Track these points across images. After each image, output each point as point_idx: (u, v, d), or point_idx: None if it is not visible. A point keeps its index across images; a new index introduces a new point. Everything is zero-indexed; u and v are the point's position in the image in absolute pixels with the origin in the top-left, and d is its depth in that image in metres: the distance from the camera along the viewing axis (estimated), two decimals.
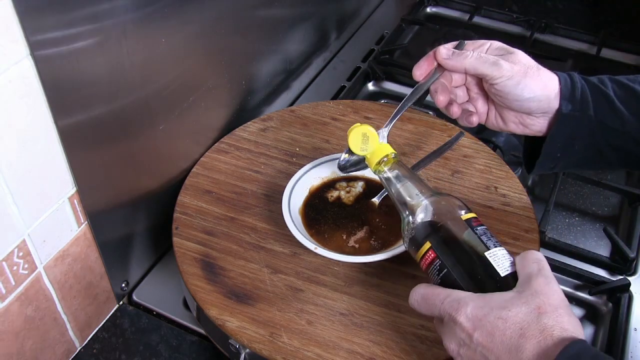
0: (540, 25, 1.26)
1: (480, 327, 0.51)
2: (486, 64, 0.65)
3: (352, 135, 0.67)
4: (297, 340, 0.65)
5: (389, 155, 0.66)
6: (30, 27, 0.53)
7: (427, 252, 0.59)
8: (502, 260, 0.57)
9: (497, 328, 0.50)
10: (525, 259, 0.56)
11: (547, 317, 0.50)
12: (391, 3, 1.38)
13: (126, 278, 0.79)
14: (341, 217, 0.77)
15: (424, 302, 0.57)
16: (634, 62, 1.20)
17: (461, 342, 0.53)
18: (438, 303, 0.55)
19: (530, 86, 0.65)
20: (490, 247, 0.57)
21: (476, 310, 0.52)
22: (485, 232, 0.59)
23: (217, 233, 0.76)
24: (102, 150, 0.68)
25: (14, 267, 0.61)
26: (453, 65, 0.67)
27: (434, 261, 0.59)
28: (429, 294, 0.56)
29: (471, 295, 0.54)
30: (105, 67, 0.64)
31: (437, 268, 0.59)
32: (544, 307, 0.51)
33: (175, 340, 0.76)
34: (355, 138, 0.67)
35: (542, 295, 0.52)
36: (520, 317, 0.50)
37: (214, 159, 0.85)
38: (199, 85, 0.81)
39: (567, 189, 0.96)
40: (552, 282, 0.53)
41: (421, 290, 0.58)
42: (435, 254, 0.59)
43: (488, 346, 0.51)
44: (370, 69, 1.14)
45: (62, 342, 0.72)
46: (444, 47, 0.68)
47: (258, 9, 0.90)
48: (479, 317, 0.51)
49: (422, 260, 0.60)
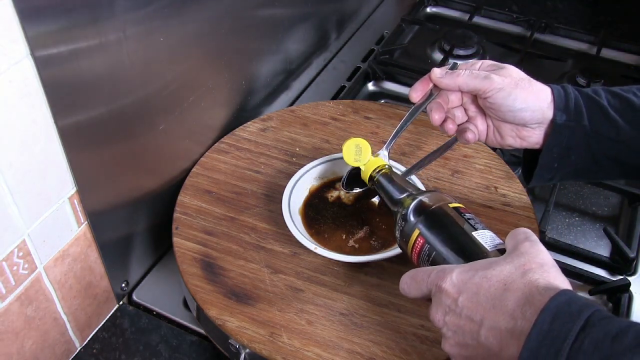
0: (540, 25, 1.26)
1: (465, 290, 0.51)
2: (477, 78, 0.67)
3: (346, 147, 0.71)
4: (297, 340, 0.65)
5: (381, 167, 0.70)
6: (30, 27, 0.53)
7: (417, 239, 0.60)
8: (490, 239, 0.58)
9: (481, 287, 0.50)
10: (514, 233, 0.56)
11: (533, 272, 0.50)
12: (391, 3, 1.38)
13: (126, 278, 0.79)
14: (341, 217, 0.77)
15: (413, 281, 0.56)
16: (634, 62, 1.19)
17: (447, 309, 0.52)
18: (425, 277, 0.55)
19: (521, 96, 0.66)
20: (477, 228, 0.59)
21: (461, 274, 0.52)
22: (472, 217, 0.60)
23: (217, 233, 0.76)
24: (102, 150, 0.68)
25: (14, 267, 0.61)
26: (447, 83, 0.69)
27: (424, 247, 0.60)
28: (417, 273, 0.56)
29: (457, 265, 0.54)
30: (105, 67, 0.64)
31: (427, 253, 0.59)
32: (529, 265, 0.50)
33: (175, 340, 0.76)
34: (349, 149, 0.71)
35: (527, 255, 0.51)
36: (505, 274, 0.50)
37: (214, 159, 0.85)
38: (199, 85, 0.81)
39: (567, 189, 0.96)
40: (537, 245, 0.53)
41: (410, 272, 0.57)
42: (423, 240, 0.60)
43: (473, 307, 0.50)
44: (370, 69, 1.14)
45: (62, 342, 0.72)
46: (438, 68, 0.70)
47: (258, 9, 0.90)
48: (464, 280, 0.51)
49: (413, 250, 0.61)
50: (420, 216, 0.61)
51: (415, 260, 0.62)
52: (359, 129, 0.90)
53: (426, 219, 0.61)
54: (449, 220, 0.60)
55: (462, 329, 0.51)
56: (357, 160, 0.71)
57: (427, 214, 0.61)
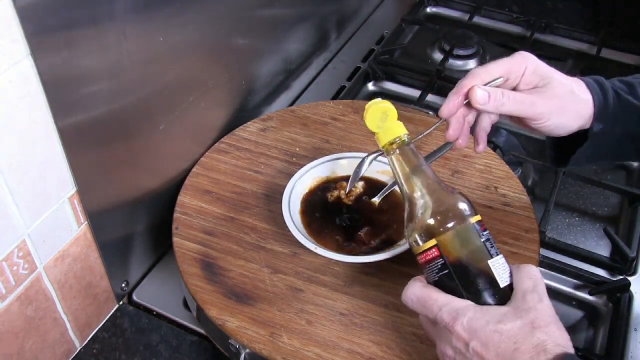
0: (540, 25, 1.26)
1: (476, 338, 0.53)
2: (523, 105, 0.64)
3: (371, 112, 0.62)
4: (297, 340, 0.65)
5: (402, 137, 0.63)
6: (30, 27, 0.53)
7: (431, 249, 0.58)
8: (502, 270, 0.57)
9: (492, 340, 0.52)
10: (522, 273, 0.57)
11: (540, 331, 0.52)
12: (391, 3, 1.38)
13: (126, 278, 0.79)
14: (341, 217, 0.77)
15: (420, 304, 0.57)
16: (634, 62, 1.20)
17: (457, 350, 0.54)
18: (435, 309, 0.55)
19: (565, 119, 0.65)
20: (492, 255, 0.58)
21: (473, 321, 0.53)
22: (489, 238, 0.59)
23: (217, 233, 0.76)
24: (102, 150, 0.68)
25: (14, 267, 0.61)
26: (491, 110, 0.64)
27: (436, 259, 0.58)
28: (426, 299, 0.57)
29: (469, 306, 0.55)
30: (105, 67, 0.64)
31: (438, 267, 0.58)
32: (538, 322, 0.52)
33: (175, 340, 0.76)
34: (374, 115, 0.62)
35: (535, 311, 0.53)
36: (515, 331, 0.52)
37: (214, 159, 0.85)
38: (199, 85, 0.81)
39: (567, 189, 0.96)
40: (544, 299, 0.55)
41: (417, 291, 0.58)
42: (438, 253, 0.58)
43: (484, 355, 0.52)
44: (370, 69, 1.14)
45: (62, 342, 0.72)
46: (480, 90, 0.63)
47: (258, 9, 0.90)
48: (474, 328, 0.53)
49: (423, 255, 0.59)
50: (441, 228, 0.58)
51: (422, 264, 0.60)
52: (359, 129, 0.90)
53: (446, 235, 0.58)
54: (470, 244, 0.58)
55: None
56: (380, 127, 0.63)
57: (448, 230, 0.58)
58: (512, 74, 0.65)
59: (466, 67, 1.17)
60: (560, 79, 0.66)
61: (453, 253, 0.57)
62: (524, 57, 0.65)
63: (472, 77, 0.64)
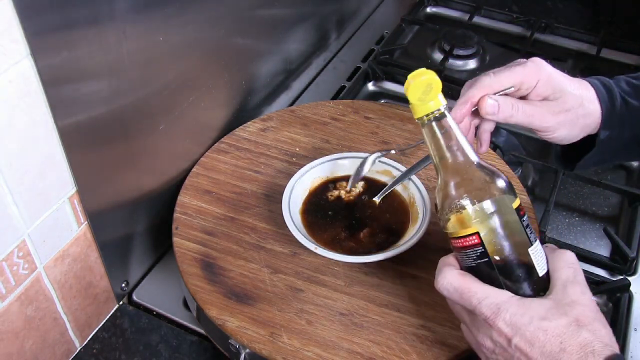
0: (540, 25, 1.26)
1: (519, 334, 0.52)
2: (533, 117, 0.63)
3: (416, 84, 0.57)
4: (297, 340, 0.65)
5: (441, 110, 0.58)
6: (30, 27, 0.53)
7: (471, 235, 0.55)
8: (540, 258, 0.56)
9: (537, 339, 0.51)
10: (559, 260, 0.56)
11: (586, 330, 0.51)
12: (391, 3, 1.38)
13: (126, 278, 0.79)
14: (341, 217, 0.77)
15: (458, 295, 0.55)
16: (634, 62, 1.20)
17: (497, 343, 0.53)
18: (475, 302, 0.54)
19: (573, 134, 0.66)
20: (532, 242, 0.56)
21: (516, 317, 0.52)
22: (528, 224, 0.56)
23: (217, 233, 0.76)
24: (102, 150, 0.68)
25: (14, 267, 0.61)
26: (500, 121, 0.64)
27: (475, 247, 0.55)
28: (464, 290, 0.55)
29: (510, 300, 0.53)
30: (105, 67, 0.64)
31: (477, 255, 0.55)
32: (583, 319, 0.51)
33: (175, 340, 0.76)
34: (417, 86, 0.57)
35: (579, 305, 0.52)
36: (560, 330, 0.51)
37: (214, 159, 0.85)
38: (199, 85, 0.81)
39: (567, 189, 0.96)
40: (587, 291, 0.54)
41: (454, 281, 0.56)
42: (479, 241, 0.55)
43: (528, 353, 0.51)
44: (370, 69, 1.14)
45: (62, 342, 0.72)
46: (491, 100, 0.62)
47: (258, 9, 0.90)
48: (518, 324, 0.52)
49: (460, 240, 0.56)
50: (484, 215, 0.55)
51: (456, 249, 0.57)
52: (359, 129, 0.90)
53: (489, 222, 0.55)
54: (512, 231, 0.55)
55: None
56: (422, 100, 0.57)
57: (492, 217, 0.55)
58: (524, 84, 0.64)
59: (466, 67, 1.17)
60: (572, 91, 0.65)
61: (494, 241, 0.55)
62: (537, 66, 0.64)
63: (481, 87, 0.63)
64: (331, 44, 1.20)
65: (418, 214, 0.75)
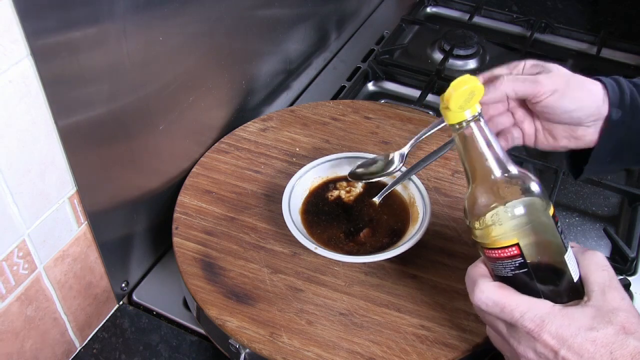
0: (540, 25, 1.26)
1: (566, 346, 0.51)
2: (526, 82, 0.62)
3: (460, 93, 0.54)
4: (297, 340, 0.65)
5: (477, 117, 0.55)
6: (30, 27, 0.53)
7: (511, 247, 0.53)
8: (573, 263, 0.54)
9: (586, 350, 0.50)
10: (591, 263, 0.55)
11: (633, 337, 0.50)
12: (391, 3, 1.38)
13: (126, 278, 0.79)
14: (341, 217, 0.77)
15: (498, 309, 0.54)
16: (634, 62, 1.20)
17: (542, 355, 0.52)
18: (517, 316, 0.52)
19: (574, 95, 0.63)
20: (567, 247, 0.54)
21: (562, 329, 0.51)
22: (562, 230, 0.55)
23: (217, 233, 0.76)
24: (102, 150, 0.68)
25: (14, 267, 0.61)
26: (492, 97, 0.63)
27: (515, 258, 0.53)
28: (506, 304, 0.53)
29: (553, 311, 0.52)
30: (105, 67, 0.64)
31: (515, 265, 0.54)
32: (629, 327, 0.51)
33: (175, 340, 0.76)
34: (461, 95, 0.54)
35: (622, 312, 0.51)
36: (608, 339, 0.50)
37: (214, 159, 0.85)
38: (199, 85, 0.81)
39: (567, 189, 0.96)
40: (625, 296, 0.53)
41: (493, 295, 0.54)
42: (519, 252, 0.53)
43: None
44: (370, 69, 1.14)
45: (62, 342, 0.72)
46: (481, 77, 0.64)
47: (258, 9, 0.90)
48: (564, 336, 0.51)
49: (497, 251, 0.54)
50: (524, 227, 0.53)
51: (491, 259, 0.55)
52: (359, 129, 0.90)
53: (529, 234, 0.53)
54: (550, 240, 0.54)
55: None
56: (462, 108, 0.54)
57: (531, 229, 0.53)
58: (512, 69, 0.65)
59: (466, 67, 1.17)
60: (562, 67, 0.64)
61: (534, 251, 0.53)
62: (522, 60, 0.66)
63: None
64: (331, 44, 1.20)
65: (418, 214, 0.75)
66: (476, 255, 0.74)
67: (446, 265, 0.72)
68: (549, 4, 1.37)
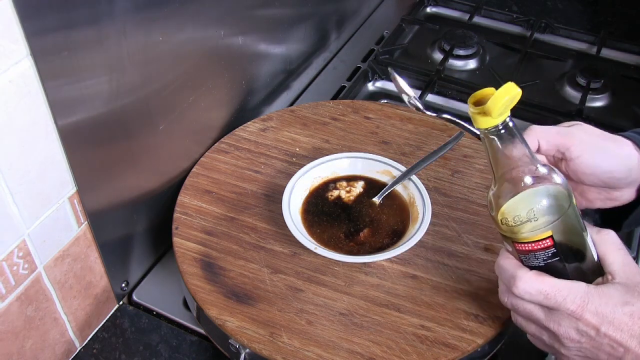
0: (540, 25, 1.26)
1: (606, 322, 0.54)
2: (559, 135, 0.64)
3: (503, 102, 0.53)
4: (297, 340, 0.65)
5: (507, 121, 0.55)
6: (30, 27, 0.53)
7: (545, 239, 0.56)
8: (591, 243, 0.58)
9: (624, 324, 0.54)
10: (608, 243, 0.58)
11: None
12: (391, 3, 1.38)
13: (126, 278, 0.79)
14: (341, 217, 0.77)
15: (542, 296, 0.56)
16: (634, 62, 1.19)
17: (584, 333, 0.55)
18: (560, 300, 0.55)
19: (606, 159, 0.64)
20: (586, 229, 0.58)
21: (601, 307, 0.55)
22: (580, 212, 0.58)
23: (217, 233, 0.76)
24: (102, 150, 0.68)
25: (14, 267, 0.61)
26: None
27: (548, 249, 0.56)
28: (549, 291, 0.56)
29: (590, 291, 0.55)
30: (105, 68, 0.64)
31: (549, 255, 0.57)
32: None
33: (175, 340, 0.76)
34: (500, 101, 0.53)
35: None
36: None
37: (214, 159, 0.85)
38: (199, 85, 0.81)
39: None
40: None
41: (536, 284, 0.56)
42: (552, 243, 0.56)
43: (617, 339, 0.54)
44: (370, 69, 1.14)
45: (62, 342, 0.72)
46: None
47: (258, 9, 0.90)
48: (604, 313, 0.54)
49: (530, 244, 0.57)
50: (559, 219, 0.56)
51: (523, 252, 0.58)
52: (359, 129, 0.90)
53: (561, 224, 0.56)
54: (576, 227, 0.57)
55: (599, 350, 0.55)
56: (502, 115, 0.54)
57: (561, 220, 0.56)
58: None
59: (466, 67, 1.17)
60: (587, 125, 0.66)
61: (565, 240, 0.57)
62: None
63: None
64: (331, 44, 1.20)
65: (418, 214, 0.75)
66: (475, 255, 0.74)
67: (446, 265, 0.72)
68: (549, 4, 1.37)
